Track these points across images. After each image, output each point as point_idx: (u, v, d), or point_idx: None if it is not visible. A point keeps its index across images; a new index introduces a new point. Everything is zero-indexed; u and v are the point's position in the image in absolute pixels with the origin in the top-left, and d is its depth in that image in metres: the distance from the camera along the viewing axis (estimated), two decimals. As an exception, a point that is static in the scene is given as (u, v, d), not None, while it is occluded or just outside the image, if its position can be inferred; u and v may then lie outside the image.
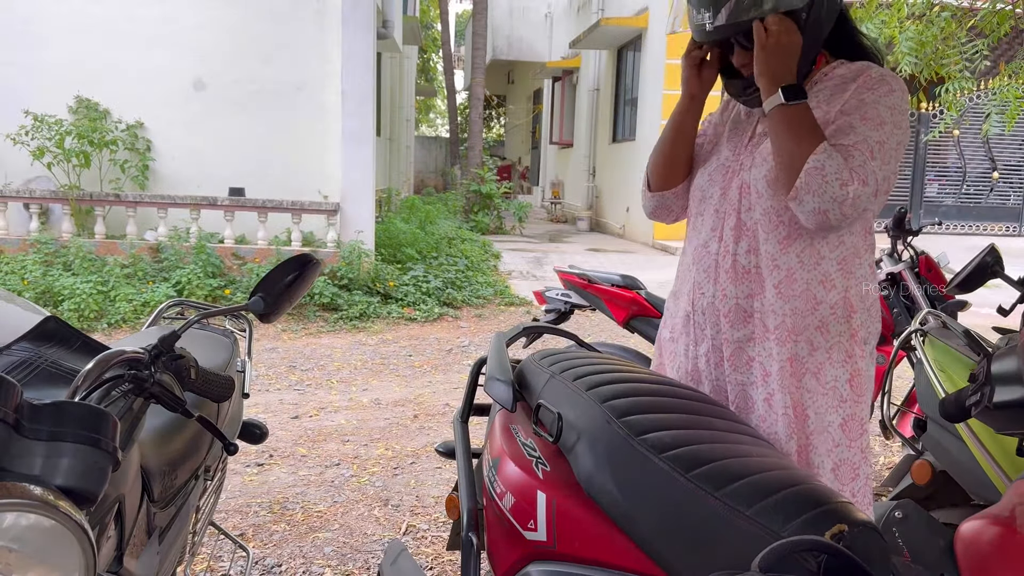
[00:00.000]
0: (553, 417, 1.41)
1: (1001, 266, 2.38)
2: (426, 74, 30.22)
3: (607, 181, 15.35)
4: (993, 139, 12.97)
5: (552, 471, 1.39)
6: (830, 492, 1.16)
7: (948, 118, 4.67)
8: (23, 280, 6.72)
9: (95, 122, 8.12)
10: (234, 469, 3.74)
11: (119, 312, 6.57)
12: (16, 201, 7.71)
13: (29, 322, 1.34)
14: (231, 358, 2.08)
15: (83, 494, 0.96)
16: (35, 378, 1.21)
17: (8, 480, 0.91)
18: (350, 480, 3.71)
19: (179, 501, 1.67)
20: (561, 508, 1.34)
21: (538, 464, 1.42)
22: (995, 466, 2.03)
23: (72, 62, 8.20)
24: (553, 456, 1.41)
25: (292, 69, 8.51)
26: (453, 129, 23.07)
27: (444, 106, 31.62)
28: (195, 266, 7.22)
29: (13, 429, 0.93)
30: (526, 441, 1.49)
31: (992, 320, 2.49)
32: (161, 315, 2.26)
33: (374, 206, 8.61)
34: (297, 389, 5.20)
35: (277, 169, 8.47)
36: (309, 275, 1.61)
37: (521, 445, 1.49)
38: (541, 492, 1.37)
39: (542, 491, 1.37)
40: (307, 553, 2.99)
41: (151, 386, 1.26)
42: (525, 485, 1.41)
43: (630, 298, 3.41)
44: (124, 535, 1.27)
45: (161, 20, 8.31)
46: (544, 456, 1.42)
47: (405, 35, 15.18)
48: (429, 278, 8.08)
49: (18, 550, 0.89)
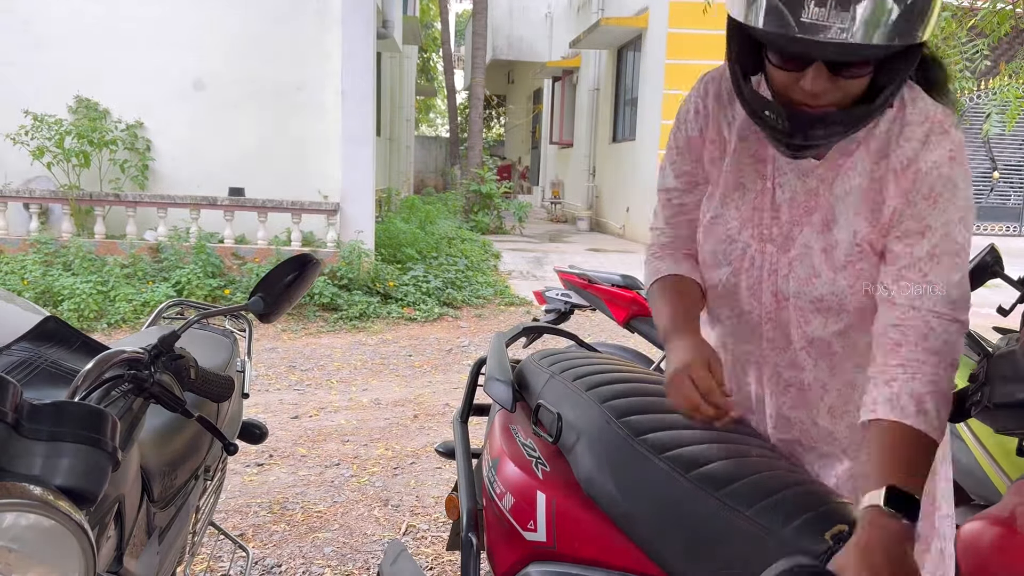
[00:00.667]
0: (553, 417, 1.41)
1: (1001, 266, 2.38)
2: (426, 74, 30.22)
3: (607, 181, 15.34)
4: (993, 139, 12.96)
5: (552, 471, 1.39)
6: (830, 492, 1.16)
7: (948, 118, 4.66)
8: (23, 280, 6.72)
9: (95, 122, 8.12)
10: (234, 469, 3.74)
11: (119, 312, 6.57)
12: (16, 201, 7.71)
13: (29, 322, 1.34)
14: (231, 358, 2.08)
15: (83, 494, 0.96)
16: (35, 378, 1.21)
17: (8, 480, 0.91)
18: (350, 480, 3.71)
19: (179, 501, 1.67)
20: (561, 508, 1.34)
21: (538, 464, 1.42)
22: (995, 466, 2.03)
23: (72, 62, 8.19)
24: (553, 456, 1.41)
25: (292, 69, 8.50)
26: (453, 129, 23.07)
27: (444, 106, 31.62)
28: (195, 266, 7.22)
29: (13, 429, 0.93)
30: (526, 441, 1.48)
31: (992, 320, 2.48)
32: (161, 315, 2.26)
33: (374, 206, 8.61)
34: (297, 389, 5.20)
35: (277, 169, 8.47)
36: (309, 275, 1.61)
37: (521, 445, 1.48)
38: (541, 492, 1.37)
39: (542, 491, 1.37)
40: (307, 553, 2.99)
41: (151, 386, 1.26)
42: (525, 485, 1.41)
43: (630, 298, 3.41)
44: (124, 535, 1.27)
45: (161, 20, 8.30)
46: (544, 456, 1.42)
47: (405, 35, 15.19)
48: (429, 278, 8.08)
49: (18, 550, 0.89)
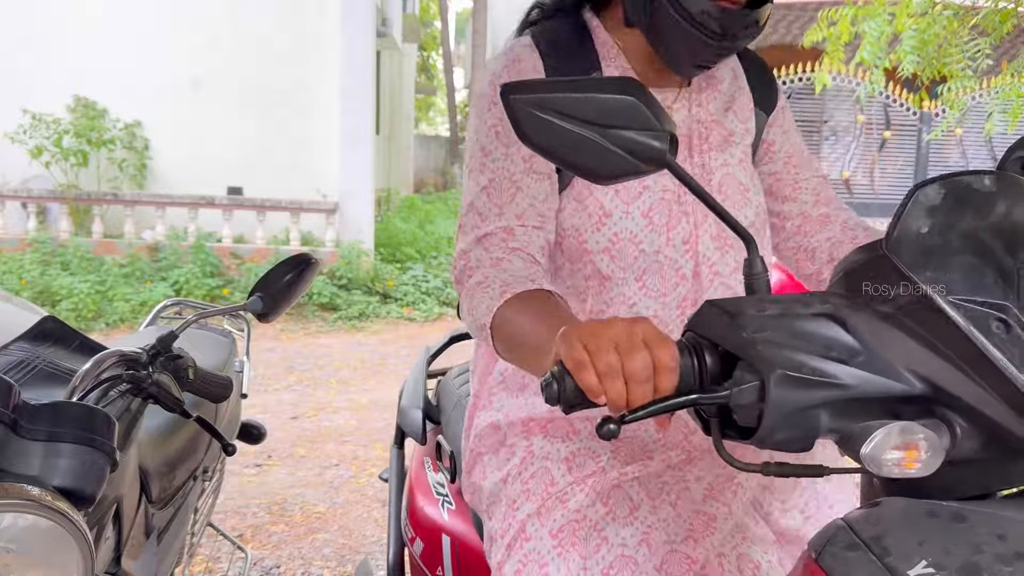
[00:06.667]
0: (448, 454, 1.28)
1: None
2: (426, 72, 30.22)
3: (606, 181, 15.33)
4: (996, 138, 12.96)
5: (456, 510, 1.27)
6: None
7: (950, 117, 4.67)
8: (21, 280, 6.71)
9: (93, 121, 8.11)
10: (232, 470, 3.73)
11: (117, 312, 6.56)
12: (14, 200, 7.70)
13: (27, 322, 1.33)
14: (229, 358, 2.07)
15: (81, 495, 0.96)
16: (33, 378, 1.21)
17: (6, 481, 0.91)
18: (349, 481, 3.70)
19: (177, 502, 1.66)
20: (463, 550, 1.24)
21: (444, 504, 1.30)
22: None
23: (70, 61, 8.18)
24: (458, 493, 1.27)
25: (291, 67, 8.49)
26: (453, 128, 23.07)
27: (444, 104, 31.62)
28: (193, 265, 7.21)
29: (11, 429, 0.93)
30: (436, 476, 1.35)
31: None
32: (159, 315, 2.25)
33: (373, 205, 8.60)
34: (296, 389, 5.19)
35: (276, 168, 8.45)
36: (308, 275, 1.60)
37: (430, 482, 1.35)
38: (446, 536, 1.27)
39: (446, 534, 1.26)
40: (306, 554, 2.98)
41: (149, 386, 1.26)
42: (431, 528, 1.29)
43: None
44: (122, 536, 1.26)
45: (159, 19, 8.29)
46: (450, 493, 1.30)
47: (405, 33, 15.18)
48: (428, 278, 8.07)
49: (16, 551, 0.89)
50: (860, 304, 0.71)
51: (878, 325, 0.70)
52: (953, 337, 0.66)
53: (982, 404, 0.65)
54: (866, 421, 0.68)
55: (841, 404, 0.68)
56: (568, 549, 1.02)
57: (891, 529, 0.67)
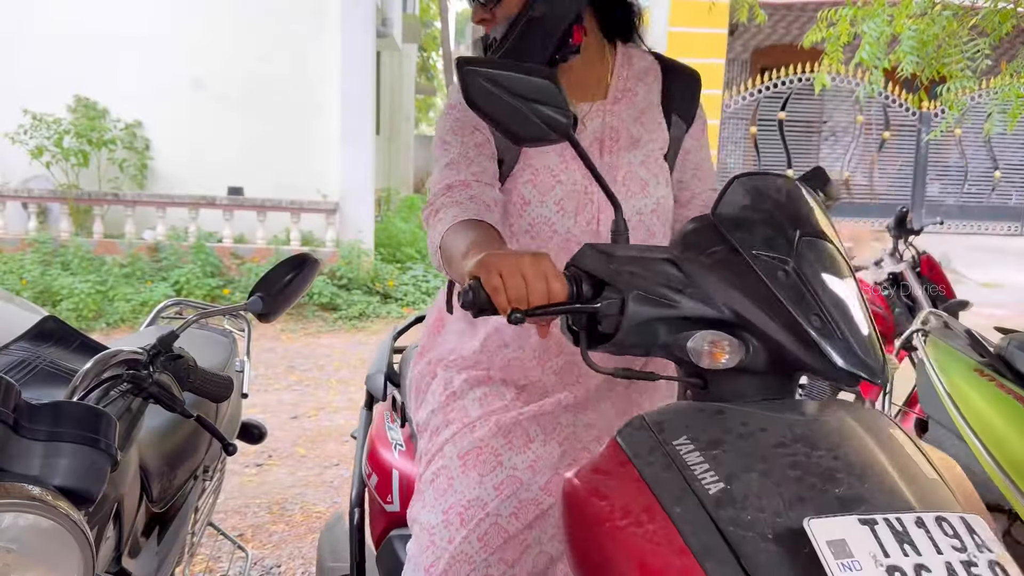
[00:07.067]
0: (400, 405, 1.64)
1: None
2: (426, 72, 30.20)
3: (606, 181, 15.32)
4: (995, 138, 12.97)
5: (405, 451, 1.62)
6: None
7: (949, 117, 4.66)
8: (21, 280, 6.71)
9: (93, 121, 8.11)
10: (233, 469, 3.73)
11: (117, 312, 6.56)
12: (14, 200, 7.70)
13: (27, 322, 1.33)
14: (230, 358, 2.07)
15: (81, 494, 0.96)
16: (33, 378, 1.21)
17: (6, 480, 0.91)
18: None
19: (178, 501, 1.66)
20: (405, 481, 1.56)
21: (396, 447, 1.65)
22: (997, 467, 2.02)
23: (71, 61, 8.17)
24: (407, 439, 1.65)
25: (291, 68, 8.49)
26: (452, 128, 22.99)
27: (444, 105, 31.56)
28: (194, 266, 7.21)
29: (11, 429, 0.93)
30: (392, 426, 1.71)
31: (994, 320, 2.48)
32: (159, 315, 2.25)
33: (373, 205, 8.60)
34: (296, 389, 5.20)
35: (276, 168, 8.44)
36: (308, 275, 1.61)
37: (387, 430, 1.71)
38: (395, 470, 1.61)
39: (396, 469, 1.61)
40: (306, 554, 2.98)
41: (149, 386, 1.26)
42: (385, 466, 1.63)
43: None
44: (123, 535, 1.26)
45: (160, 19, 8.29)
46: (402, 439, 1.66)
47: (405, 33, 15.17)
48: (429, 277, 8.06)
49: (16, 550, 0.89)
50: (691, 255, 0.98)
51: (703, 269, 0.96)
52: (752, 280, 0.93)
53: (768, 328, 0.91)
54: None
55: (675, 321, 0.95)
56: (470, 469, 1.28)
57: (669, 418, 0.93)
